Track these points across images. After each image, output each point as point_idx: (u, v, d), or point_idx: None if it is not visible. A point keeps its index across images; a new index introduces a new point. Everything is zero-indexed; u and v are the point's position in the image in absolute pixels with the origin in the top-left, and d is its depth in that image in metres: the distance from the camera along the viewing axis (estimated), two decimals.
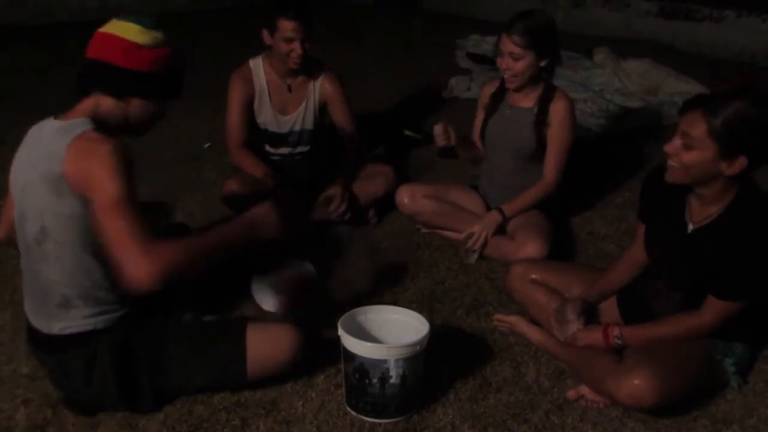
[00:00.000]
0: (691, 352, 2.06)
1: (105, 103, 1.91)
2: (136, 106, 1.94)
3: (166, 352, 1.97)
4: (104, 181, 1.75)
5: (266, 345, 2.03)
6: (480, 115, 3.03)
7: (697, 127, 1.87)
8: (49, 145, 1.83)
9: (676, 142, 1.93)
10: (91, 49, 1.91)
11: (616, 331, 2.13)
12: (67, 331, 1.92)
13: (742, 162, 1.87)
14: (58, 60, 5.41)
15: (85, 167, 1.77)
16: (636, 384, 1.93)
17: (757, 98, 1.84)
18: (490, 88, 3.01)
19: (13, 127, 1.91)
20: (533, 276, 2.44)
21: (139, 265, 1.69)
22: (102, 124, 1.87)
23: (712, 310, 2.00)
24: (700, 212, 2.04)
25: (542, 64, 2.80)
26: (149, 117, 1.99)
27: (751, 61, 5.63)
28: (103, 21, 1.93)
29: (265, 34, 3.00)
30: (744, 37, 5.79)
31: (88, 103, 1.91)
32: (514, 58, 2.76)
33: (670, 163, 1.98)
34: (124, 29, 1.89)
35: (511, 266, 2.54)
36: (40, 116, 1.96)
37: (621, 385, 1.96)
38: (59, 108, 1.94)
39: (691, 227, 2.06)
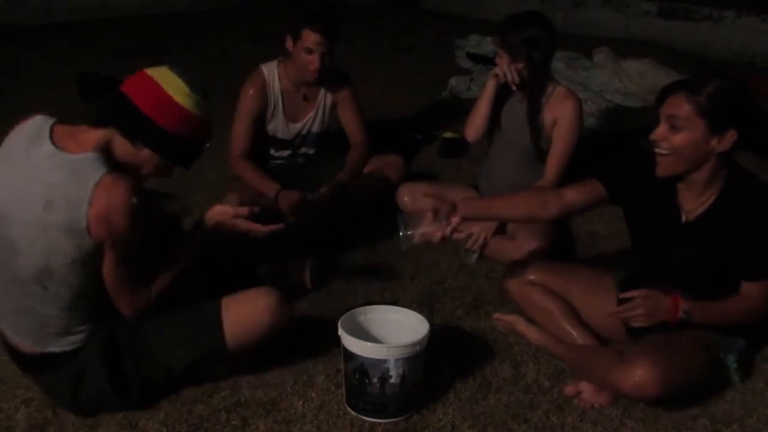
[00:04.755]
0: (693, 344, 2.05)
1: (119, 142, 1.86)
2: (145, 157, 1.90)
3: (146, 336, 1.99)
4: (119, 223, 1.79)
5: (241, 307, 2.04)
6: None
7: (684, 108, 1.89)
8: (64, 188, 1.77)
9: (662, 128, 1.95)
10: (126, 83, 1.86)
11: (685, 304, 2.01)
12: (60, 350, 1.94)
13: (732, 136, 1.89)
14: (57, 60, 5.41)
15: (105, 213, 1.77)
16: (639, 374, 1.93)
17: (730, 76, 1.92)
18: None
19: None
20: (531, 277, 2.41)
21: (125, 307, 1.96)
22: (111, 160, 1.84)
23: (759, 291, 2.01)
24: (692, 201, 2.04)
25: (536, 58, 2.78)
26: (153, 171, 1.96)
27: (751, 61, 5.63)
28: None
29: (288, 40, 2.98)
30: (744, 37, 5.79)
31: (98, 135, 1.85)
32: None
33: (660, 152, 1.97)
34: (169, 82, 1.85)
35: (509, 267, 2.53)
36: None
37: (624, 375, 1.95)
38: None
39: (684, 217, 2.06)
